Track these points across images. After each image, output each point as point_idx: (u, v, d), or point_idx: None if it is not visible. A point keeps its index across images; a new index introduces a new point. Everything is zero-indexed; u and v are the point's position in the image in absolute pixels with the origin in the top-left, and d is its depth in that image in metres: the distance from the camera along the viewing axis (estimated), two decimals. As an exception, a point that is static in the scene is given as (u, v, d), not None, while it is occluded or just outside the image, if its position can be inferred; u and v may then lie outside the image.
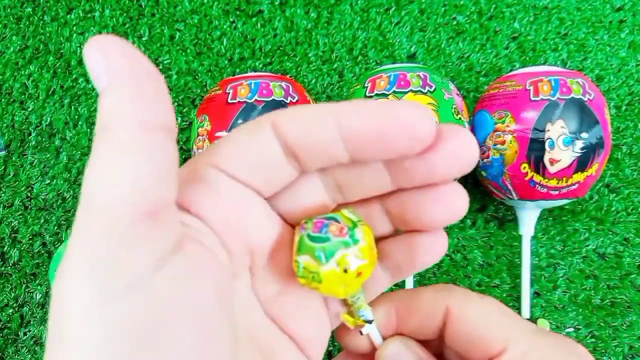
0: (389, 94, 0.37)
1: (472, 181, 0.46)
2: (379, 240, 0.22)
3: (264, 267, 0.22)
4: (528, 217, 0.42)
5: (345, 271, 0.20)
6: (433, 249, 0.21)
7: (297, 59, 0.50)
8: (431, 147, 0.18)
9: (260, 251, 0.21)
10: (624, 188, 0.46)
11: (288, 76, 0.48)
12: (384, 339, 0.24)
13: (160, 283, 0.15)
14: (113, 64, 0.15)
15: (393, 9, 0.50)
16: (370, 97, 0.38)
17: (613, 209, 0.46)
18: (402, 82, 0.38)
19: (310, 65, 0.50)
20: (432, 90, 0.38)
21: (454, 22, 0.50)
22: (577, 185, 0.38)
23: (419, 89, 0.37)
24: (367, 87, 0.39)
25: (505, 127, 0.38)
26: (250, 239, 0.20)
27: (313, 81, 0.49)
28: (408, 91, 0.37)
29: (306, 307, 0.22)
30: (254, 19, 0.51)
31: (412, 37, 0.50)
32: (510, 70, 0.43)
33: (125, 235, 0.14)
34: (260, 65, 0.50)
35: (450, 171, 0.19)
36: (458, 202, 0.20)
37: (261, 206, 0.21)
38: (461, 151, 0.18)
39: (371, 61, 0.50)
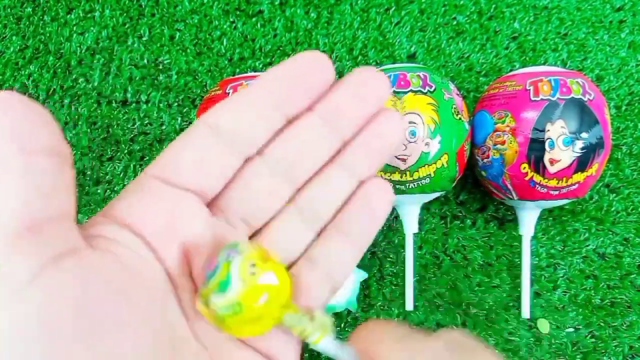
0: None
1: (472, 181, 0.46)
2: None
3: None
4: (528, 217, 0.41)
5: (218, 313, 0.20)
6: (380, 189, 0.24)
7: (297, 59, 0.50)
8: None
9: (200, 259, 0.21)
10: (624, 188, 0.46)
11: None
12: None
13: (40, 292, 0.16)
14: None
15: (393, 9, 0.50)
16: None
17: (613, 209, 0.46)
18: (402, 82, 0.38)
19: (310, 65, 0.50)
20: (432, 90, 0.38)
21: (454, 22, 0.50)
22: (577, 185, 0.38)
23: (419, 89, 0.37)
24: None
25: (505, 127, 0.38)
26: (185, 247, 0.21)
27: (313, 81, 0.49)
28: (408, 91, 0.37)
29: None
30: (254, 19, 0.51)
31: (412, 37, 0.50)
32: (510, 70, 0.43)
33: (4, 247, 0.16)
34: (260, 65, 0.50)
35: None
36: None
37: (201, 210, 0.22)
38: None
39: (371, 61, 0.50)
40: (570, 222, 0.46)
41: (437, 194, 0.40)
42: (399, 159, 0.37)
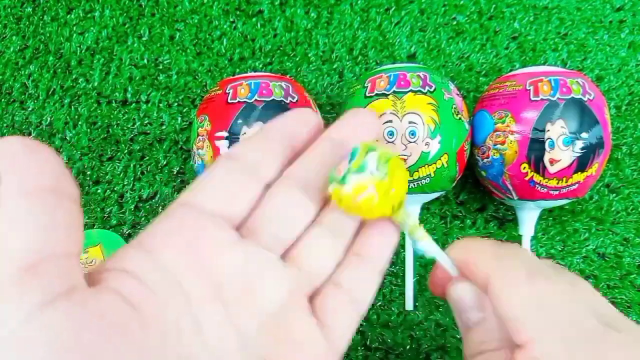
0: (389, 94, 0.37)
1: (472, 181, 0.46)
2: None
3: (242, 300, 0.22)
4: (528, 217, 0.41)
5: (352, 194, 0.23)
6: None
7: (297, 59, 0.50)
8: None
9: (231, 283, 0.22)
10: (624, 188, 0.46)
11: (288, 76, 0.48)
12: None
13: (33, 333, 0.16)
14: None
15: (393, 9, 0.50)
16: (370, 97, 0.38)
17: (613, 209, 0.46)
18: (402, 82, 0.38)
19: (310, 65, 0.50)
20: (432, 90, 0.38)
21: (454, 22, 0.50)
22: (577, 185, 0.38)
23: (419, 89, 0.37)
24: (367, 87, 0.39)
25: (505, 127, 0.38)
26: (215, 271, 0.22)
27: (313, 81, 0.49)
28: (408, 91, 0.37)
29: (295, 340, 0.23)
30: (254, 19, 0.51)
31: (412, 37, 0.50)
32: (511, 70, 0.43)
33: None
34: (260, 65, 0.50)
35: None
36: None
37: (228, 233, 0.23)
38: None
39: (371, 61, 0.50)
40: (570, 222, 0.46)
41: (437, 194, 0.40)
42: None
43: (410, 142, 0.37)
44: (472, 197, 0.47)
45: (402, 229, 0.25)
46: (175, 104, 0.49)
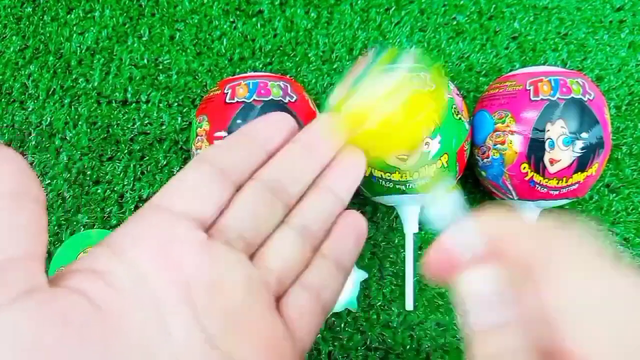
0: None
1: (472, 181, 0.46)
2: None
3: (208, 299, 0.22)
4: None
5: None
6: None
7: (297, 59, 0.50)
8: None
9: (198, 282, 0.22)
10: (624, 188, 0.46)
11: (288, 76, 0.48)
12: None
13: None
14: None
15: (393, 9, 0.50)
16: None
17: (613, 209, 0.46)
18: None
19: (310, 65, 0.50)
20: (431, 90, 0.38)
21: (454, 22, 0.50)
22: (577, 185, 0.38)
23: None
24: None
25: (505, 127, 0.38)
26: (182, 271, 0.22)
27: (313, 81, 0.49)
28: None
29: (260, 339, 0.23)
30: (254, 19, 0.51)
31: (412, 37, 0.50)
32: (511, 70, 0.43)
33: None
34: (260, 65, 0.50)
35: None
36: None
37: (195, 234, 0.23)
38: None
39: (371, 61, 0.50)
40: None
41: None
42: (399, 158, 0.37)
43: None
44: (472, 197, 0.47)
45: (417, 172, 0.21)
46: (175, 104, 0.49)
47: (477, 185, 0.46)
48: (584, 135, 0.36)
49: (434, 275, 0.21)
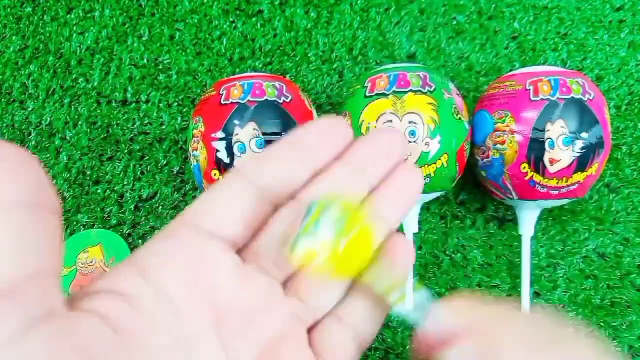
0: (389, 94, 0.37)
1: (472, 181, 0.46)
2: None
3: (239, 329, 0.21)
4: (528, 217, 0.41)
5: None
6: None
7: (297, 59, 0.50)
8: None
9: (229, 310, 0.21)
10: (624, 188, 0.46)
11: (288, 76, 0.48)
12: None
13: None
14: None
15: (393, 9, 0.50)
16: (370, 97, 0.38)
17: (613, 209, 0.46)
18: (402, 82, 0.37)
19: (310, 65, 0.50)
20: (432, 90, 0.37)
21: (454, 22, 0.50)
22: (577, 185, 0.38)
23: (419, 89, 0.37)
24: (367, 87, 0.38)
25: (505, 127, 0.38)
26: (213, 296, 0.20)
27: (313, 81, 0.49)
28: (408, 91, 0.37)
29: None
30: (254, 19, 0.51)
31: (412, 37, 0.50)
32: (510, 70, 0.43)
33: None
34: (260, 65, 0.50)
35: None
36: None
37: (227, 256, 0.21)
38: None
39: (371, 61, 0.49)
40: (570, 222, 0.46)
41: (437, 194, 0.40)
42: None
43: (411, 142, 0.37)
44: (472, 197, 0.47)
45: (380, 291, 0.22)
46: (175, 104, 0.49)
47: (477, 185, 0.46)
48: (584, 135, 0.36)
49: (424, 355, 0.23)
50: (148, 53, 0.50)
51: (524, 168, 0.37)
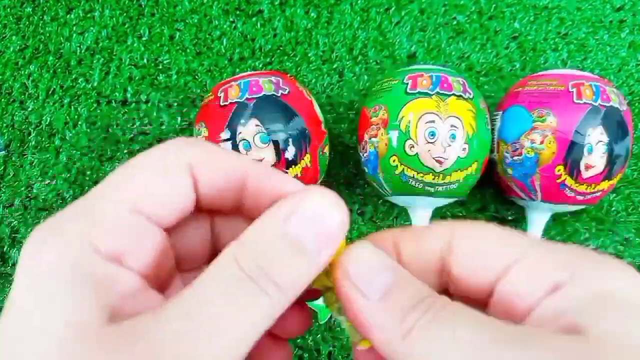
0: (432, 94, 0.27)
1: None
2: None
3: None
4: (538, 219, 0.31)
5: None
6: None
7: (297, 59, 0.38)
8: None
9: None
10: (624, 188, 0.35)
11: (287, 75, 0.36)
12: None
13: None
14: None
15: (393, 9, 0.38)
16: (413, 94, 0.28)
17: (613, 209, 0.35)
18: (444, 85, 0.28)
19: (310, 65, 0.38)
20: (471, 97, 0.28)
21: (454, 22, 0.38)
22: (600, 192, 0.28)
23: (461, 94, 0.28)
24: (407, 83, 0.28)
25: (545, 126, 0.26)
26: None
27: (313, 81, 0.38)
28: (451, 95, 0.28)
29: None
30: (254, 19, 0.39)
31: (412, 37, 0.38)
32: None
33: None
34: (260, 65, 0.38)
35: None
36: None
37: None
38: None
39: (371, 61, 0.38)
40: (570, 222, 0.35)
41: (452, 200, 0.29)
42: (436, 160, 0.26)
43: (450, 145, 0.25)
44: (472, 197, 0.36)
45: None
46: (175, 104, 0.38)
47: (477, 185, 0.35)
48: (618, 144, 0.26)
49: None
50: (148, 53, 0.38)
51: (558, 170, 0.27)
